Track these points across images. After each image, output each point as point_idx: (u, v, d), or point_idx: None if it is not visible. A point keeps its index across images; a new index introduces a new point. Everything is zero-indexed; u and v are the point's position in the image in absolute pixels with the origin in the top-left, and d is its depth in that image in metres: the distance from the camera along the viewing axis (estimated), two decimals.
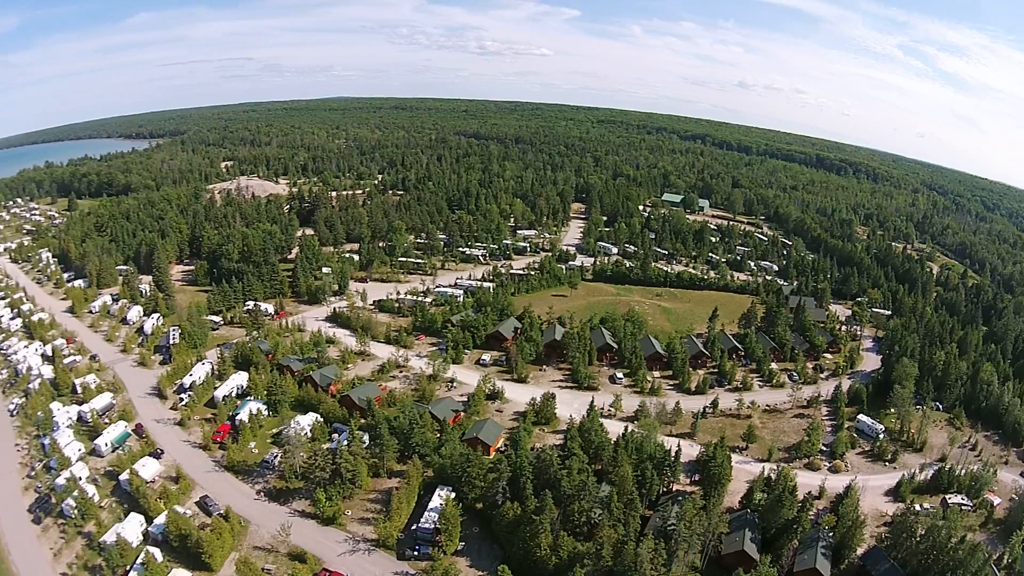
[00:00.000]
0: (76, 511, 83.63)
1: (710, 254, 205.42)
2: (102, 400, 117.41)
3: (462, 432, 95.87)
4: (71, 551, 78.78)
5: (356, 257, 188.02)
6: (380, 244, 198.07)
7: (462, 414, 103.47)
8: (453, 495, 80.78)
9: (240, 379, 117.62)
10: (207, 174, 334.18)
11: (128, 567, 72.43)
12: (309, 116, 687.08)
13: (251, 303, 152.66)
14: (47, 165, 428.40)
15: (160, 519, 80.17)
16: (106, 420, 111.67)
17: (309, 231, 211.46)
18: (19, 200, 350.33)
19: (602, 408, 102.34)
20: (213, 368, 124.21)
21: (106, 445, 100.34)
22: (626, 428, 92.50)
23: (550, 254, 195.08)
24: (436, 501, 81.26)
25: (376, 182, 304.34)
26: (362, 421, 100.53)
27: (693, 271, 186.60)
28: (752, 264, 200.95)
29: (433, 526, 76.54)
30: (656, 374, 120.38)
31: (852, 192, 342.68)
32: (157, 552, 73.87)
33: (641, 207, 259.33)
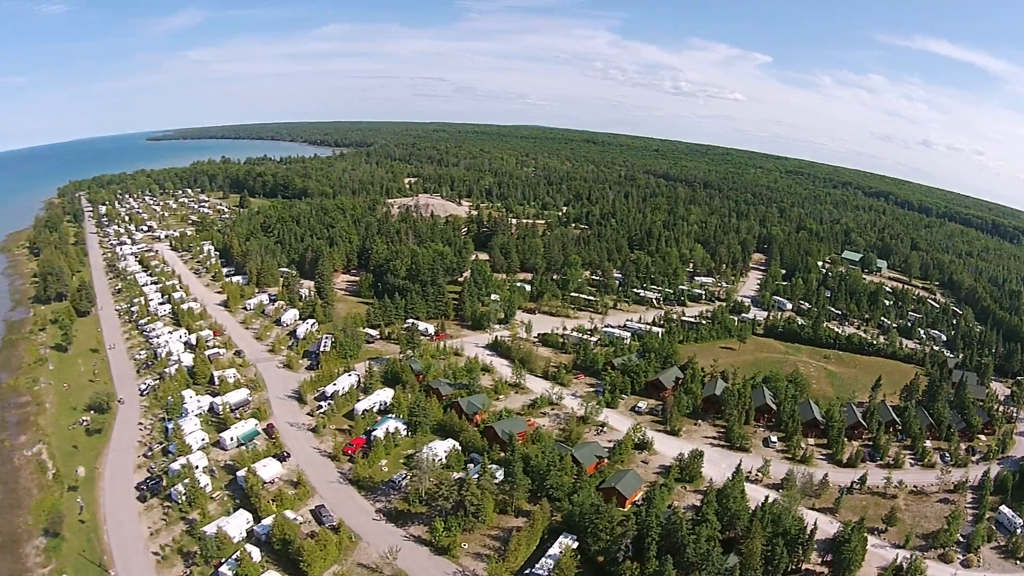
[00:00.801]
0: (184, 497, 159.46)
1: (882, 318, 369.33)
2: (238, 395, 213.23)
3: (601, 480, 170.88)
4: (168, 534, 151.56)
5: (528, 287, 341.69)
6: (554, 277, 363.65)
7: (605, 461, 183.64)
8: (575, 545, 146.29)
9: (385, 395, 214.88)
10: (389, 188, 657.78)
11: (223, 560, 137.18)
12: (499, 141, 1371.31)
13: (411, 321, 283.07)
14: (223, 160, 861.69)
15: (267, 520, 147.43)
16: (237, 415, 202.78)
17: (484, 256, 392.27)
18: (189, 191, 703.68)
19: (749, 472, 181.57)
20: (359, 381, 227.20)
21: (231, 440, 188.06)
22: (767, 498, 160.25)
23: (724, 304, 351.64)
24: (556, 548, 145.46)
25: (560, 214, 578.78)
26: (501, 455, 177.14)
27: (863, 335, 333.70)
28: (921, 332, 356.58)
29: (547, 574, 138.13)
30: (811, 441, 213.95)
31: None
32: (256, 552, 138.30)
33: (820, 263, 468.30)
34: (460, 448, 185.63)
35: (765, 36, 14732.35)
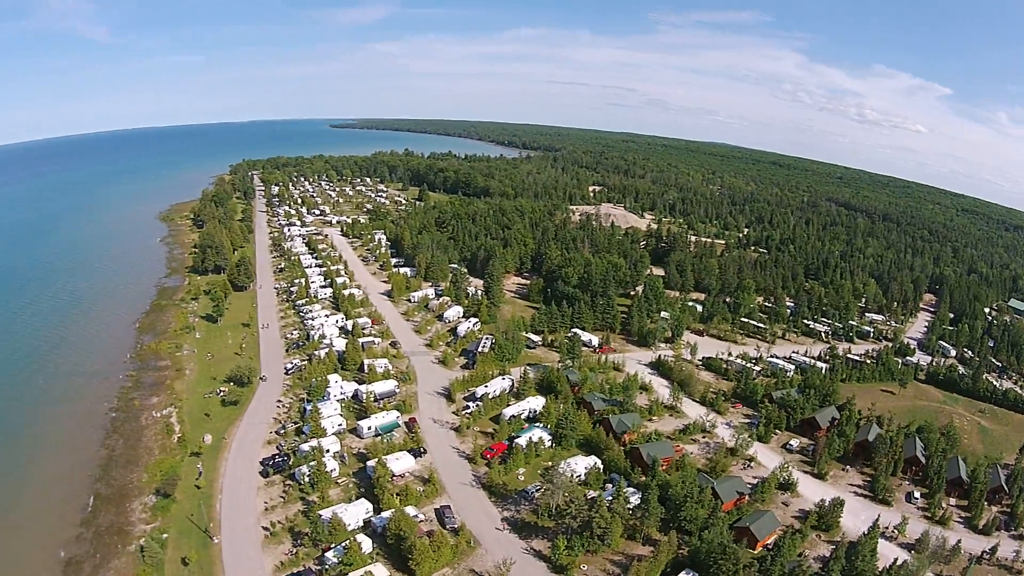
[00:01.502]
0: (307, 479, 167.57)
1: None
2: (385, 386, 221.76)
3: (737, 517, 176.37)
4: (283, 512, 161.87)
5: (699, 308, 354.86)
6: (726, 299, 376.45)
7: (746, 498, 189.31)
8: None
9: (536, 403, 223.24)
10: (572, 194, 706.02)
11: (331, 546, 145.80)
12: (687, 157, 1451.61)
13: (575, 331, 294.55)
14: (406, 153, 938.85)
15: (387, 513, 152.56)
16: (380, 405, 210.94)
17: (659, 271, 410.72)
18: (368, 180, 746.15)
19: (886, 528, 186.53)
20: (513, 385, 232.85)
21: (369, 428, 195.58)
22: (895, 559, 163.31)
23: (890, 344, 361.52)
24: None
25: (741, 235, 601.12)
26: (641, 479, 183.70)
27: (1021, 391, 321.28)
28: None
29: None
30: (952, 501, 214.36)
31: None
32: (367, 543, 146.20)
33: (987, 309, 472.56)
34: (602, 467, 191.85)
35: (946, 67, 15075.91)
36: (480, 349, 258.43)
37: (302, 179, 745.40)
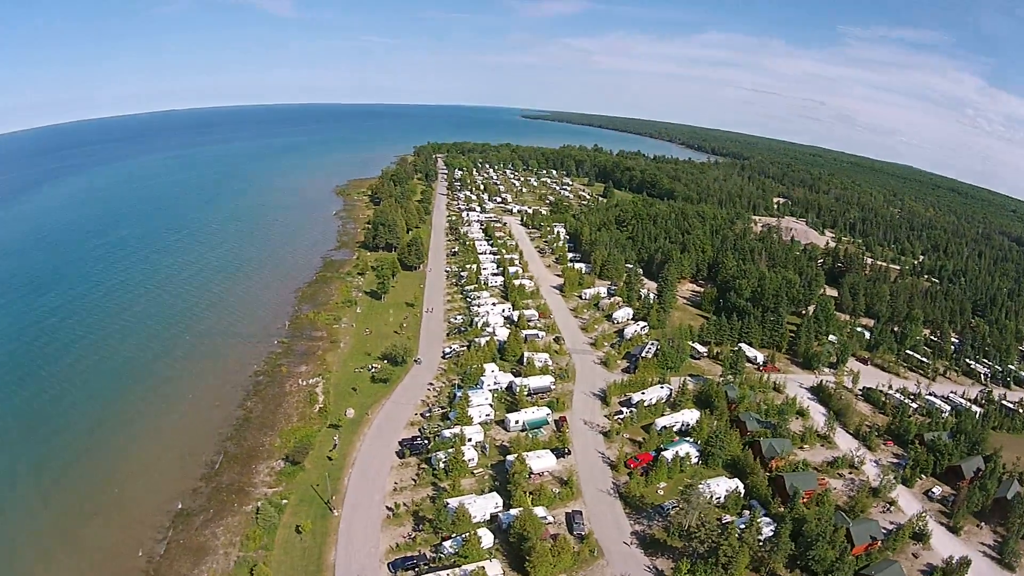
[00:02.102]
0: (443, 465, 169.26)
1: None
2: (541, 381, 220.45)
3: (865, 564, 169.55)
4: (411, 495, 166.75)
5: (866, 334, 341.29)
6: (894, 328, 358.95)
7: (878, 543, 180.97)
8: None
9: (690, 416, 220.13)
10: (756, 204, 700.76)
11: (451, 536, 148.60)
12: (871, 176, 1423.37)
13: (741, 345, 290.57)
14: (594, 148, 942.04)
15: (515, 511, 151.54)
16: (532, 400, 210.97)
17: (832, 292, 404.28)
18: (554, 172, 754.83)
19: None
20: (670, 395, 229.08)
21: (516, 423, 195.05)
22: None
23: None
24: None
25: (916, 262, 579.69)
26: (779, 509, 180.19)
27: None
28: None
29: None
30: None
31: None
32: (488, 538, 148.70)
33: None
34: (742, 491, 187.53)
35: None
36: (644, 354, 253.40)
37: (487, 166, 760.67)
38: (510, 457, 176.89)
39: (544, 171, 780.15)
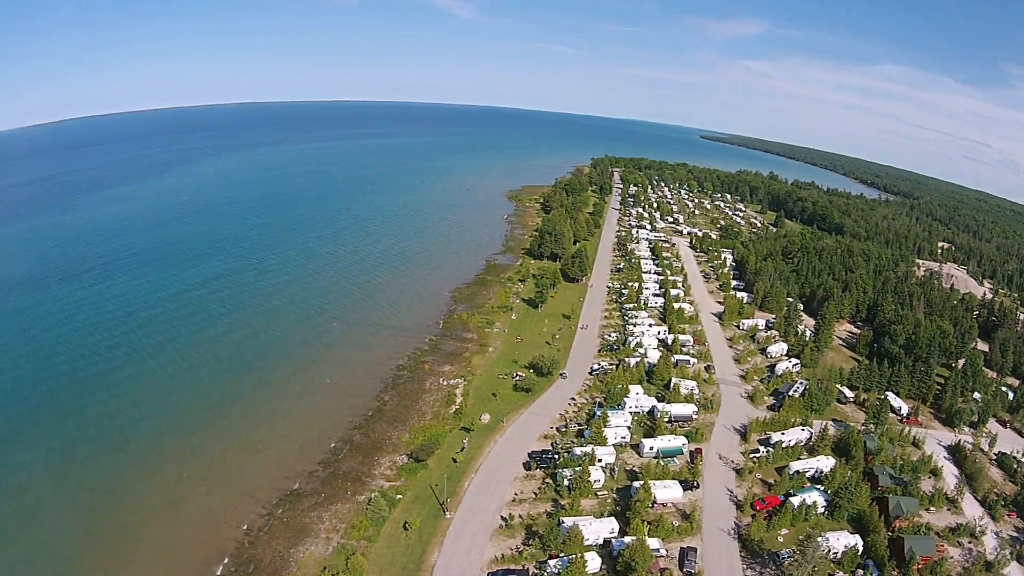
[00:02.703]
0: (566, 482, 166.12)
1: None
2: (683, 409, 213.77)
3: None
4: (529, 508, 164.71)
5: (1010, 395, 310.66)
6: None
7: None
8: None
9: (825, 464, 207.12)
10: (920, 247, 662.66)
11: (558, 554, 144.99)
12: None
13: (887, 394, 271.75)
14: (770, 175, 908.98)
15: (628, 539, 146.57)
16: (671, 427, 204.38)
17: (983, 346, 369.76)
18: (728, 196, 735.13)
19: None
20: (809, 439, 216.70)
21: (651, 449, 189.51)
22: None
23: None
24: None
25: None
26: (893, 573, 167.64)
27: None
28: None
29: None
30: None
31: None
32: (595, 562, 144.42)
33: None
34: (861, 549, 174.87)
35: None
36: (791, 392, 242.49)
37: (662, 184, 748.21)
38: (636, 483, 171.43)
39: (719, 194, 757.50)
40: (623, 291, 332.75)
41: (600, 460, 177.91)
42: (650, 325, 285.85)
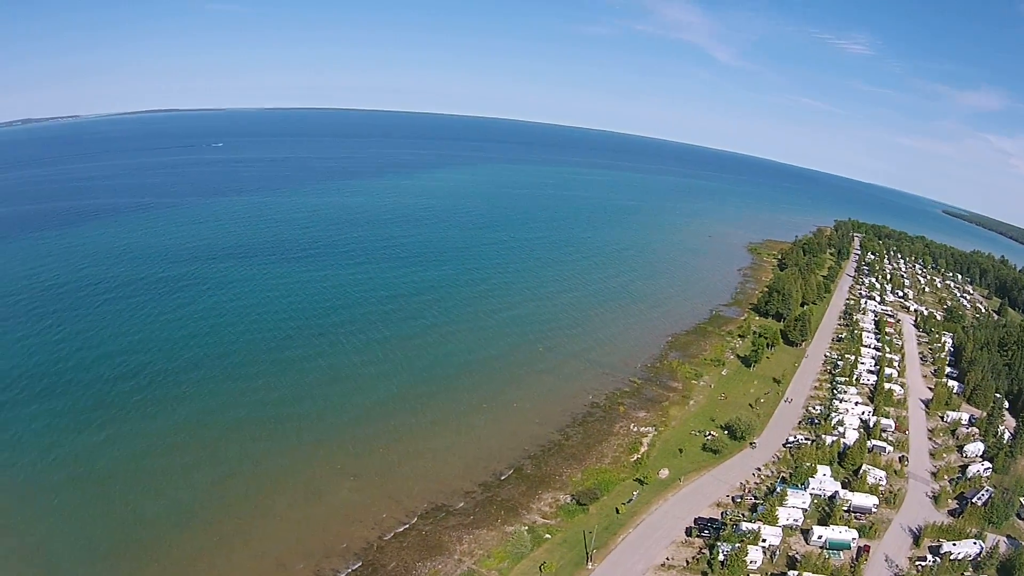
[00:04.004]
0: (722, 556, 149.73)
1: None
2: (865, 499, 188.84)
3: None
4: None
5: None
6: None
7: None
8: None
9: None
10: None
11: None
12: None
13: None
14: (1001, 260, 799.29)
15: None
16: (847, 517, 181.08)
17: None
18: (959, 276, 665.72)
19: None
20: (980, 553, 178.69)
21: (819, 537, 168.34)
22: None
23: None
24: None
25: None
26: None
27: None
28: None
29: None
30: None
31: None
32: None
33: None
34: None
35: None
36: (974, 499, 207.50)
37: (898, 255, 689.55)
38: (792, 573, 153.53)
39: (950, 273, 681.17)
40: (838, 362, 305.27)
41: (764, 540, 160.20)
42: (856, 403, 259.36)
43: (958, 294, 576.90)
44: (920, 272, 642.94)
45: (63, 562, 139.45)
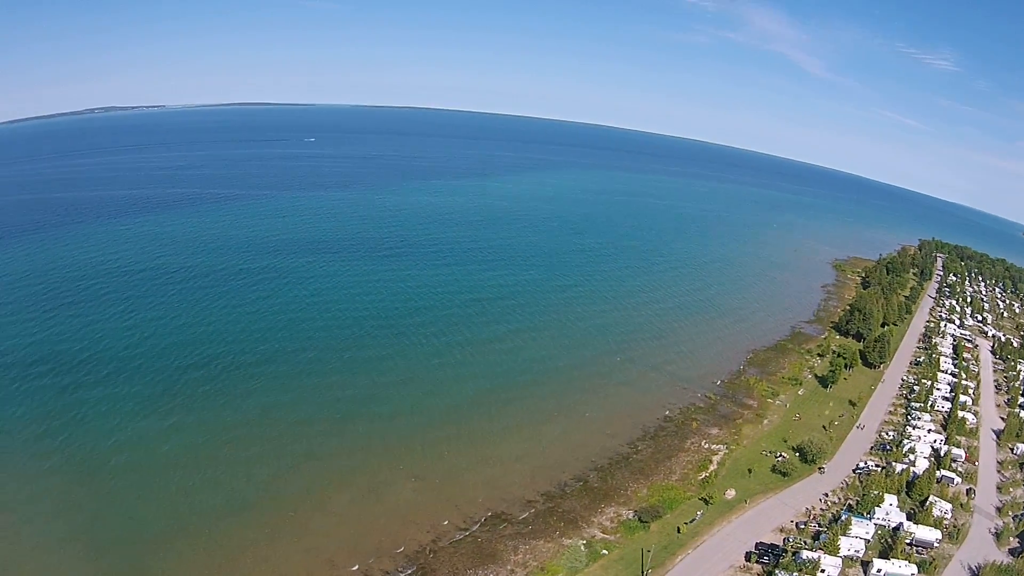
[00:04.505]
0: None
1: None
2: (928, 533, 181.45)
3: None
4: None
5: None
6: None
7: None
8: None
9: None
10: None
11: None
12: None
13: None
14: None
15: None
16: (909, 551, 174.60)
17: None
18: None
19: None
20: None
21: (878, 571, 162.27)
22: None
23: None
24: None
25: None
26: None
27: None
28: None
29: None
30: None
31: None
32: None
33: None
34: None
35: None
36: None
37: (979, 277, 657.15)
38: None
39: None
40: (914, 387, 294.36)
41: (823, 571, 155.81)
42: (929, 431, 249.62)
43: None
44: (1000, 296, 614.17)
45: (110, 544, 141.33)
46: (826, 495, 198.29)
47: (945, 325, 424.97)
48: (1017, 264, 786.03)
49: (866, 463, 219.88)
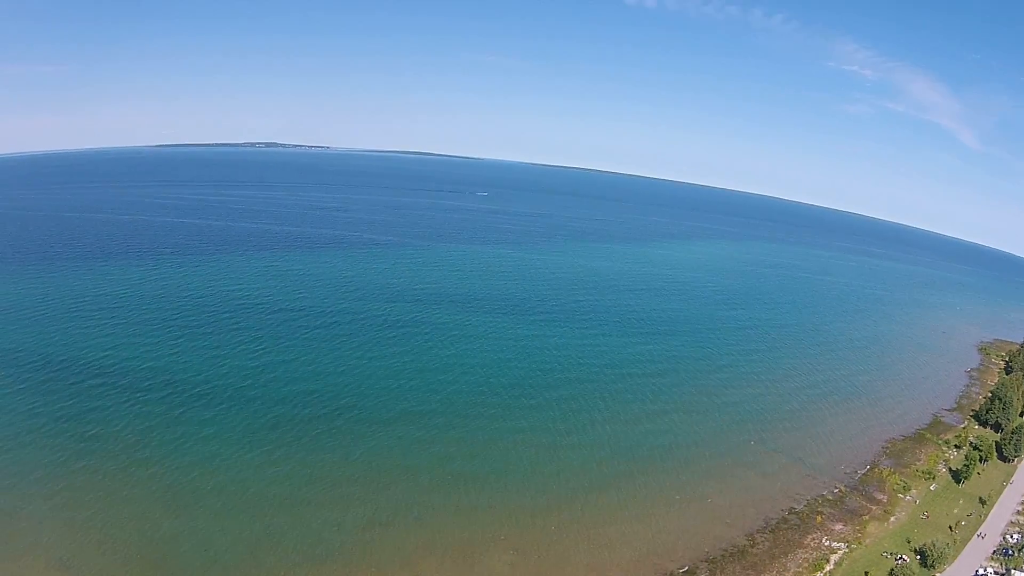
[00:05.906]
0: None
1: None
2: None
3: None
4: None
5: None
6: None
7: None
8: None
9: None
10: None
11: None
12: None
13: None
14: None
15: None
16: None
17: None
18: None
19: None
20: None
21: None
22: None
23: None
24: None
25: None
26: None
27: None
28: None
29: None
30: None
31: None
32: None
33: None
34: None
35: None
36: None
37: None
38: None
39: None
40: None
41: None
42: None
43: None
44: None
45: (177, 571, 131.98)
46: None
47: None
48: None
49: (986, 569, 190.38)
